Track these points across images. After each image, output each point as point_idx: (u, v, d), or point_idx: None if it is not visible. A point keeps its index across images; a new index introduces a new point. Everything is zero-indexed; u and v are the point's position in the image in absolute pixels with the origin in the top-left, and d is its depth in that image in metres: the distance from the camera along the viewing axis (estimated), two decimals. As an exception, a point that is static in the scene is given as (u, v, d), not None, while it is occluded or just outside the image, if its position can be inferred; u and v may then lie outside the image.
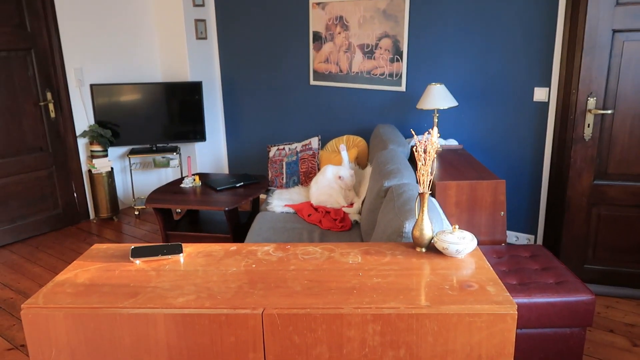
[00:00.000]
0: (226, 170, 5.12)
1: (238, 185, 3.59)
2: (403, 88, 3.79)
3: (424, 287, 1.36)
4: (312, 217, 3.06)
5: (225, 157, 5.09)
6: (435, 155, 1.55)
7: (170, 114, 4.54)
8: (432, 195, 2.66)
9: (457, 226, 1.55)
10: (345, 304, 1.28)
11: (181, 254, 1.59)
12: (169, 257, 1.57)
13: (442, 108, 3.25)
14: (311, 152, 3.64)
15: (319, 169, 3.58)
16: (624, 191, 2.83)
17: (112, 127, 4.40)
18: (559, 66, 3.14)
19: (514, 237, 3.59)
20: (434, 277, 1.42)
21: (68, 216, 4.33)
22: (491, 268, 1.46)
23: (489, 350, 1.25)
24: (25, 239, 4.06)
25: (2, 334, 2.74)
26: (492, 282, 1.37)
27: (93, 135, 4.28)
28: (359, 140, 3.73)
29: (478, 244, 2.58)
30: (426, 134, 1.50)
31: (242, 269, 1.50)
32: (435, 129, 1.49)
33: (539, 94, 3.28)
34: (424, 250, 1.59)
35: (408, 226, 1.80)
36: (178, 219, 3.74)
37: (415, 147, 1.50)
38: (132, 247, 1.61)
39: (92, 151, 4.32)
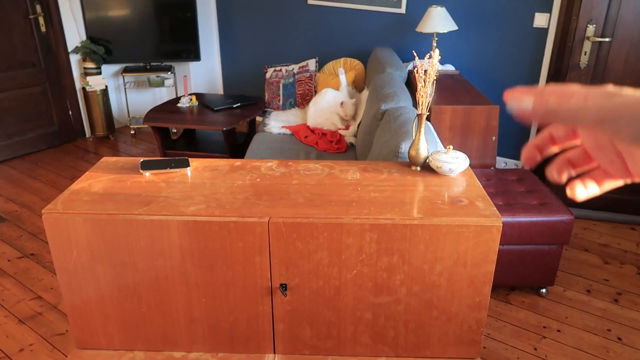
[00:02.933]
0: (220, 91, 5.10)
1: (235, 106, 3.61)
2: (403, 10, 3.73)
3: (417, 201, 1.46)
4: (309, 139, 3.13)
5: (219, 78, 5.05)
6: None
7: (163, 32, 4.44)
8: (427, 118, 2.72)
9: (451, 146, 1.63)
10: (345, 214, 1.39)
11: (188, 168, 1.66)
12: (177, 170, 1.65)
13: (441, 32, 3.23)
14: (308, 74, 3.63)
15: (316, 92, 3.60)
16: (612, 120, 2.91)
17: (104, 44, 4.31)
18: (562, -9, 3.10)
19: (503, 163, 3.71)
20: (427, 193, 1.52)
21: (64, 134, 4.36)
22: (481, 186, 1.56)
23: (474, 257, 1.38)
24: (23, 155, 4.11)
25: (11, 244, 2.87)
26: (481, 198, 1.48)
27: (86, 52, 4.20)
28: (357, 63, 3.72)
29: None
30: (427, 56, 1.53)
31: (248, 182, 1.58)
32: (437, 50, 1.53)
33: (539, 20, 3.26)
34: (419, 169, 1.68)
35: (404, 147, 1.88)
36: (175, 139, 3.79)
37: (415, 68, 1.54)
38: (141, 160, 1.69)
39: (85, 68, 4.27)
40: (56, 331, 2.20)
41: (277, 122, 3.35)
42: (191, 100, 3.68)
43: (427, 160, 1.67)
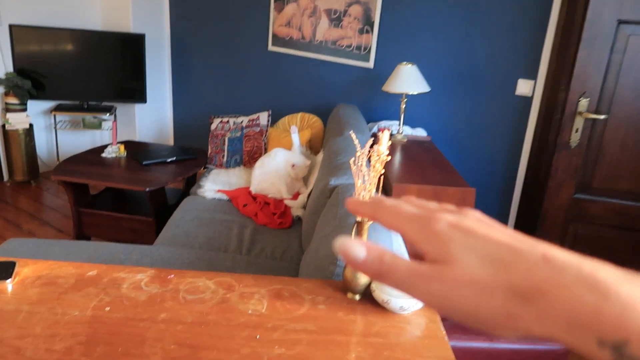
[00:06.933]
0: (171, 140, 4.56)
1: (169, 160, 3.07)
2: (371, 64, 3.31)
3: (344, 369, 0.92)
4: (248, 208, 2.59)
5: (170, 125, 4.52)
6: (388, 160, 1.11)
7: (106, 68, 3.93)
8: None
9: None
10: (218, 396, 0.83)
11: (9, 280, 1.10)
12: (-9, 282, 1.09)
13: (410, 93, 2.80)
14: (258, 128, 3.14)
15: (266, 150, 3.10)
16: (607, 209, 2.47)
17: (35, 78, 3.76)
18: (549, 57, 2.71)
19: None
20: (361, 349, 0.98)
21: (-26, 177, 3.73)
22: (446, 338, 1.03)
23: None
24: None
25: None
26: (443, 367, 0.94)
27: (9, 85, 3.64)
28: (315, 120, 3.25)
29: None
30: (369, 142, 1.04)
31: (88, 313, 1.02)
32: (386, 133, 1.03)
33: (523, 87, 2.86)
34: (357, 297, 1.15)
35: (344, 254, 1.35)
36: (96, 194, 3.19)
37: (353, 159, 1.04)
38: (-62, 263, 1.11)
39: (7, 104, 3.69)
40: None
41: (214, 185, 2.81)
42: (119, 150, 3.13)
43: (370, 289, 1.14)
